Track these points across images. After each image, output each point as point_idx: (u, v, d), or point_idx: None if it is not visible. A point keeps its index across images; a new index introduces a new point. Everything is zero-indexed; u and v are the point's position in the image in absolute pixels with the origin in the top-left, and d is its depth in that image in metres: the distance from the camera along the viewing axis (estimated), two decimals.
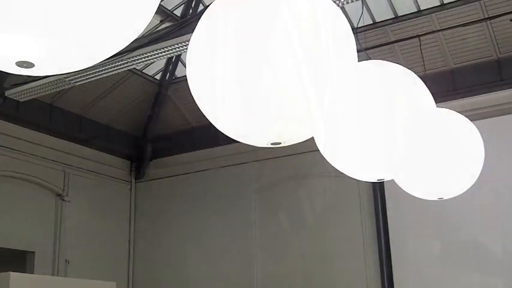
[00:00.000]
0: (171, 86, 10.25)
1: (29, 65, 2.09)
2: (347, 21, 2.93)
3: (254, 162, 9.81)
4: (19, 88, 7.54)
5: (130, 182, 11.04)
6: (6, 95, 7.69)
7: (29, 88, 7.50)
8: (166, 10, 8.70)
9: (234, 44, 2.67)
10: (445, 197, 4.69)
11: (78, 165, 9.90)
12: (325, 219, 9.28)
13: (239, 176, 10.08)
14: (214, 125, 2.98)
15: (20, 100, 7.89)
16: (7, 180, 8.84)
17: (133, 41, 2.30)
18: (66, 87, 7.59)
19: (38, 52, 2.02)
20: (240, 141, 3.04)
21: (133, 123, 10.60)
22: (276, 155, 9.16)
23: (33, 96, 7.79)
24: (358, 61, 3.15)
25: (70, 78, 7.13)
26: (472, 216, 8.05)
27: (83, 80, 7.23)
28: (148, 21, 2.21)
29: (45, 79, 7.13)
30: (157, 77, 10.22)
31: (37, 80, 7.20)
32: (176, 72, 10.18)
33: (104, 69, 6.95)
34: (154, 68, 9.94)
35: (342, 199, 9.19)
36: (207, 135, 6.58)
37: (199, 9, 8.73)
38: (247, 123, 2.82)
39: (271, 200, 9.82)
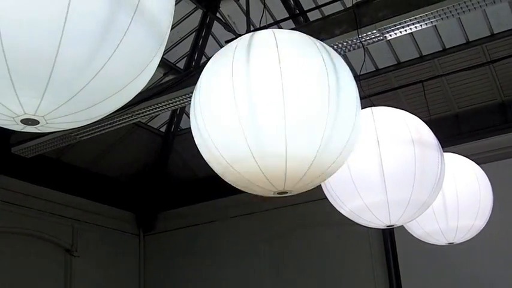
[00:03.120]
0: (176, 137, 10.28)
1: (34, 122, 2.09)
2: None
3: (262, 212, 9.75)
4: (25, 145, 7.55)
5: (139, 235, 10.97)
6: (12, 151, 7.71)
7: (35, 144, 7.52)
8: (169, 63, 8.80)
9: (241, 95, 2.68)
10: (456, 242, 4.64)
11: (87, 220, 9.85)
12: (335, 268, 9.16)
13: (248, 227, 10.00)
14: (222, 178, 2.98)
15: (27, 156, 7.90)
16: (15, 237, 8.79)
17: (137, 95, 2.32)
18: (72, 142, 7.61)
19: (43, 109, 2.03)
20: (247, 191, 3.03)
21: (140, 176, 10.59)
22: (284, 204, 9.10)
23: (40, 152, 7.81)
24: (362, 108, 3.15)
25: (76, 133, 7.15)
26: (484, 259, 7.94)
27: (88, 134, 7.25)
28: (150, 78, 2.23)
29: (51, 135, 7.16)
30: (163, 129, 10.26)
31: (43, 136, 7.23)
32: (181, 124, 10.22)
33: (109, 124, 6.98)
34: (159, 120, 9.99)
35: (352, 247, 9.08)
36: (214, 186, 6.54)
37: (202, 61, 8.83)
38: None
39: (281, 249, 9.71)
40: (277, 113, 2.63)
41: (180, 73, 8.57)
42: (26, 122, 2.08)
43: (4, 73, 1.86)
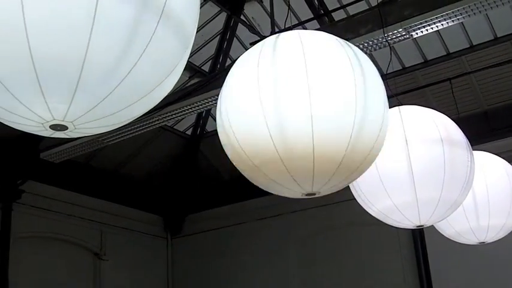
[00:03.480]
0: (203, 140, 10.31)
1: (62, 128, 2.11)
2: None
3: (291, 214, 9.73)
4: (54, 150, 7.64)
5: (167, 238, 11.01)
6: (41, 157, 7.80)
7: (63, 149, 7.60)
8: (194, 66, 8.82)
9: (267, 97, 2.67)
10: (487, 241, 4.58)
11: (115, 224, 9.92)
12: (365, 268, 9.10)
13: (276, 228, 9.98)
14: (249, 180, 2.97)
15: (55, 162, 7.99)
16: (45, 241, 8.89)
17: (163, 98, 2.32)
18: (100, 146, 7.68)
19: (72, 115, 2.04)
20: (275, 193, 3.01)
21: (167, 179, 10.64)
22: (312, 205, 9.06)
23: (68, 157, 7.89)
24: (389, 107, 3.12)
25: (103, 138, 7.21)
26: None
27: (115, 139, 7.31)
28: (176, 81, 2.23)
29: (78, 140, 7.23)
30: (189, 132, 10.29)
31: (71, 141, 7.31)
32: (207, 127, 10.25)
33: (136, 127, 7.02)
34: (185, 123, 10.02)
35: (381, 247, 9.01)
36: (241, 188, 6.55)
37: (226, 64, 8.83)
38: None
39: (310, 251, 9.68)
40: (304, 114, 2.61)
41: (205, 76, 8.59)
42: (55, 127, 2.10)
43: (33, 80, 1.87)
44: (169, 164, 10.48)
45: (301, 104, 2.61)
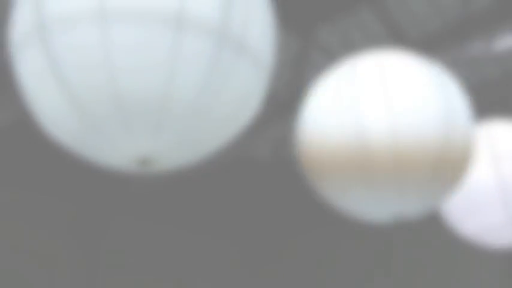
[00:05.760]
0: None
1: (149, 162, 2.15)
2: None
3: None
4: None
5: None
6: None
7: None
8: (270, 93, 8.82)
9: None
10: None
11: None
12: None
13: None
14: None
15: None
16: None
17: (242, 127, 2.33)
18: None
19: (158, 150, 2.08)
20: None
21: None
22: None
23: None
24: (475, 122, 3.03)
25: None
26: None
27: None
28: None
29: None
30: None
31: None
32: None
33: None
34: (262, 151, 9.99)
35: (478, 268, 8.55)
36: None
37: (302, 91, 8.78)
38: None
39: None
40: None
41: (281, 103, 8.57)
42: (142, 162, 2.14)
43: (120, 118, 1.93)
44: None
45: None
